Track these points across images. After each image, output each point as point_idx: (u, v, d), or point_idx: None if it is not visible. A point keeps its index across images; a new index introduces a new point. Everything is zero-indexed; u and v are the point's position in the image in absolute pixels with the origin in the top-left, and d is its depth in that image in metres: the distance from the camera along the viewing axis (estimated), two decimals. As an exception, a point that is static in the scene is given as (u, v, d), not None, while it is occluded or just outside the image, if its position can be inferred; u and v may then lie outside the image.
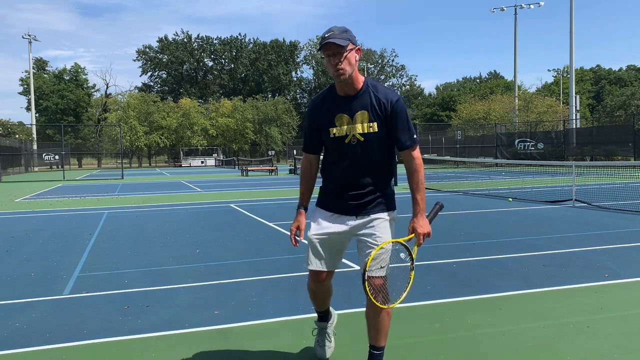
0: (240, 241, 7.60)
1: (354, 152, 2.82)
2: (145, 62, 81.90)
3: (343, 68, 2.69)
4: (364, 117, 2.78)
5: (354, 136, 2.79)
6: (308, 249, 2.95)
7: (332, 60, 2.69)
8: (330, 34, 2.68)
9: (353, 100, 2.80)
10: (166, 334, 3.77)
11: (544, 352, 3.30)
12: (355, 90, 2.80)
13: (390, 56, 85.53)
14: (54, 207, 13.35)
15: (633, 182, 16.88)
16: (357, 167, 2.84)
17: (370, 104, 2.78)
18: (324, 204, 2.96)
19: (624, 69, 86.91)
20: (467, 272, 5.44)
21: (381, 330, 2.88)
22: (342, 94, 2.82)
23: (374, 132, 2.78)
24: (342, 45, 2.66)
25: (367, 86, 2.81)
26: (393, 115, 2.79)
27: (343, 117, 2.80)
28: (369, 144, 2.80)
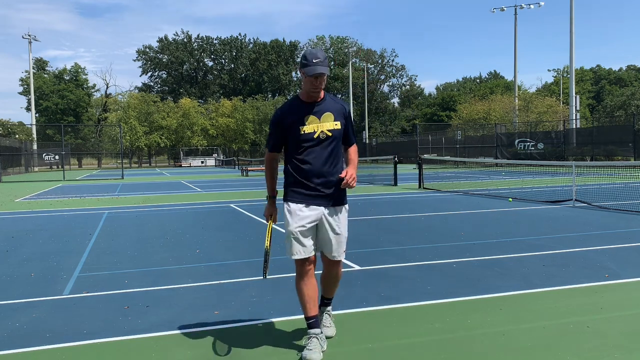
0: (240, 241, 7.60)
1: (323, 145, 3.36)
2: (145, 62, 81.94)
3: (320, 88, 3.32)
4: (330, 117, 3.39)
5: (322, 132, 3.35)
6: (291, 242, 3.34)
7: (315, 82, 3.27)
8: (318, 60, 3.23)
9: (318, 105, 3.39)
10: (166, 334, 3.77)
11: (544, 352, 3.30)
12: (320, 98, 3.40)
13: (390, 56, 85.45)
14: (54, 207, 13.35)
15: (633, 182, 16.88)
16: (324, 158, 3.36)
17: (333, 108, 3.43)
18: (295, 198, 3.37)
19: (624, 69, 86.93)
20: (467, 272, 5.44)
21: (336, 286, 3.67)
22: (308, 101, 3.38)
23: (337, 129, 3.40)
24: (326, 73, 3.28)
25: (327, 96, 3.47)
26: (348, 119, 3.50)
27: (312, 118, 3.35)
28: (334, 138, 3.39)
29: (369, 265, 5.81)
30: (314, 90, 3.30)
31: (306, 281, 3.37)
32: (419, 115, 77.55)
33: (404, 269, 5.66)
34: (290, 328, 3.82)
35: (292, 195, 3.39)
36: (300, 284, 3.39)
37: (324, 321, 3.63)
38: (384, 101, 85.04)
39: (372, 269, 5.65)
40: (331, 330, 3.63)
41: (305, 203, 3.34)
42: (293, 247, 3.34)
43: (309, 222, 3.33)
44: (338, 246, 3.42)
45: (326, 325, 3.60)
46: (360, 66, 76.90)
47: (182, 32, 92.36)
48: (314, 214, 3.34)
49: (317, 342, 3.29)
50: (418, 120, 72.42)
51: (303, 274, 3.38)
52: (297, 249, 3.33)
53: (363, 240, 7.36)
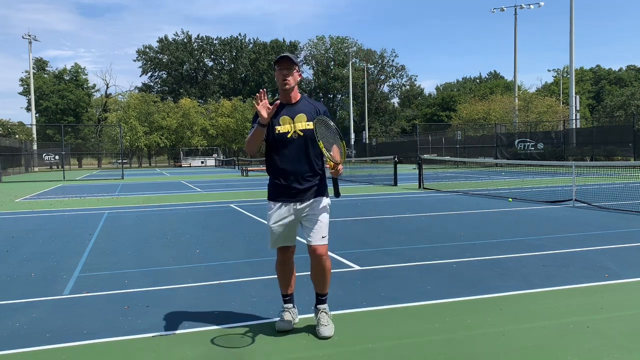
0: (240, 241, 7.60)
1: (295, 144, 3.59)
2: (145, 62, 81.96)
3: (289, 80, 3.55)
4: (302, 118, 3.61)
5: (295, 132, 3.58)
6: (270, 236, 3.71)
7: (284, 72, 3.53)
8: (285, 53, 3.57)
9: (292, 106, 3.64)
10: (166, 334, 3.77)
11: (544, 352, 3.30)
12: (295, 100, 3.65)
13: (390, 56, 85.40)
14: (54, 207, 13.35)
15: (633, 182, 16.87)
16: (297, 156, 3.60)
17: (307, 109, 3.64)
18: (274, 197, 3.68)
19: (624, 69, 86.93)
20: (467, 272, 5.44)
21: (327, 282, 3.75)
22: (284, 102, 3.63)
23: (309, 129, 3.58)
24: (294, 63, 3.54)
25: (303, 98, 3.70)
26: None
27: (286, 119, 3.60)
28: (306, 138, 3.59)
29: (369, 265, 5.81)
30: (282, 83, 3.54)
31: (284, 265, 3.80)
32: (419, 115, 77.54)
33: (404, 269, 5.66)
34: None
35: (271, 194, 3.70)
36: (278, 267, 3.82)
37: (321, 320, 3.66)
38: (384, 101, 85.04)
39: (372, 269, 5.65)
40: (329, 329, 3.63)
41: (282, 201, 3.62)
42: (271, 240, 3.73)
43: (285, 219, 3.62)
44: (316, 232, 3.61)
45: (323, 324, 3.63)
46: (360, 66, 76.90)
47: (182, 32, 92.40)
48: (291, 211, 3.61)
49: (289, 315, 3.78)
50: (418, 120, 72.43)
51: (281, 259, 3.79)
52: (274, 241, 3.72)
53: (363, 240, 7.35)
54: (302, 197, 3.60)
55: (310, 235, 3.63)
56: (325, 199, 3.69)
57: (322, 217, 3.64)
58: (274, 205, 3.66)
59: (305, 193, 3.60)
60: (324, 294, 3.76)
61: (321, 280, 3.72)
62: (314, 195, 3.63)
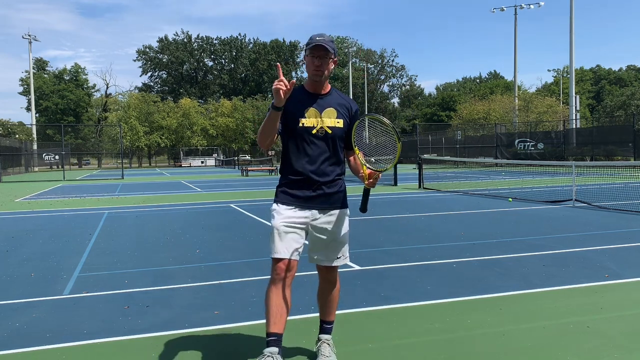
0: (240, 241, 7.60)
1: (321, 143, 3.05)
2: (145, 62, 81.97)
3: (322, 70, 3.00)
4: (332, 114, 3.08)
5: (322, 128, 3.04)
6: (273, 238, 2.99)
7: (316, 62, 2.98)
8: (321, 38, 2.97)
9: (322, 98, 3.09)
10: (166, 334, 3.77)
11: (544, 352, 3.30)
12: (325, 91, 3.11)
13: (390, 56, 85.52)
14: (54, 207, 13.35)
15: (633, 182, 16.87)
16: (321, 157, 3.06)
17: (337, 103, 3.12)
18: (284, 200, 3.07)
19: (624, 69, 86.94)
20: (467, 272, 5.44)
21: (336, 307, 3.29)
22: (312, 91, 3.09)
23: (339, 128, 3.09)
24: (329, 51, 2.98)
25: (334, 91, 3.17)
26: (353, 119, 3.17)
27: (313, 111, 3.05)
28: (334, 137, 3.07)
29: (369, 265, 5.81)
30: (314, 72, 2.98)
31: (279, 289, 2.95)
32: (419, 115, 77.53)
33: (404, 269, 5.66)
34: (290, 328, 3.81)
35: (281, 196, 3.08)
36: (271, 291, 2.95)
37: (322, 351, 3.17)
38: (384, 101, 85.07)
39: (372, 269, 5.65)
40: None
41: (295, 205, 3.03)
42: (274, 244, 2.98)
43: (297, 221, 3.01)
44: (335, 250, 3.12)
45: (325, 355, 3.16)
46: (360, 66, 76.90)
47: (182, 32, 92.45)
48: (304, 215, 3.03)
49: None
50: (418, 120, 72.40)
51: (277, 279, 2.96)
52: (278, 246, 2.96)
53: (363, 240, 7.35)
54: (324, 204, 3.07)
55: (327, 253, 3.11)
56: (347, 210, 3.21)
57: (344, 233, 3.16)
58: (283, 206, 3.05)
59: (327, 200, 3.08)
60: (331, 321, 3.31)
61: (330, 306, 3.27)
62: (337, 205, 3.12)
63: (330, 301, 3.26)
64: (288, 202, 3.05)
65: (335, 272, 3.21)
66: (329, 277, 3.21)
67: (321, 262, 3.14)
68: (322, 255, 3.13)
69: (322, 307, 3.29)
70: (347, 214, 3.20)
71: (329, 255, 3.13)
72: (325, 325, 3.29)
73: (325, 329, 3.28)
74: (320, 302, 3.29)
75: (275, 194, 3.15)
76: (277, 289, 2.96)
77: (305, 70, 3.09)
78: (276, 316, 2.94)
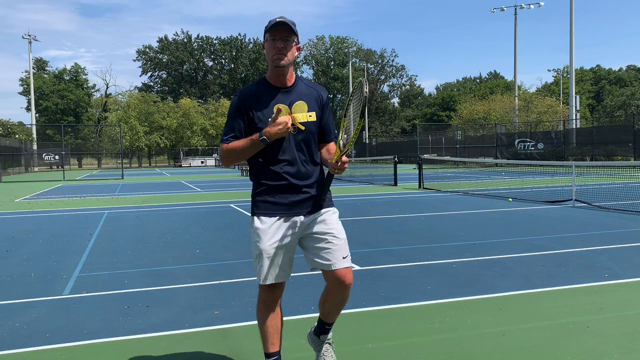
0: (240, 241, 7.60)
1: (296, 142, 2.72)
2: (145, 62, 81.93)
3: (284, 54, 2.62)
4: (303, 107, 2.74)
5: (293, 125, 2.69)
6: (262, 263, 2.71)
7: (278, 44, 2.61)
8: (282, 18, 2.62)
9: (289, 91, 2.73)
10: (166, 334, 3.77)
11: (544, 352, 3.30)
12: (290, 82, 2.75)
13: (390, 56, 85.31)
14: (54, 207, 13.35)
15: (633, 182, 16.87)
16: (299, 157, 2.73)
17: (307, 95, 2.77)
18: (266, 209, 2.73)
19: (624, 69, 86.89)
20: (467, 272, 5.44)
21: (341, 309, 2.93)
22: (277, 85, 2.73)
23: (312, 122, 2.76)
24: (293, 32, 2.62)
25: (299, 80, 2.80)
26: (326, 108, 2.84)
27: (281, 107, 2.68)
28: (308, 133, 2.75)
29: (369, 265, 5.81)
30: (277, 57, 2.61)
31: (272, 311, 2.77)
32: (419, 115, 77.54)
33: (404, 269, 5.66)
34: (290, 328, 3.82)
35: (261, 206, 2.74)
36: (264, 314, 2.78)
37: (323, 353, 3.03)
38: (384, 101, 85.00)
39: (372, 269, 5.65)
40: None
41: (280, 215, 2.72)
42: (263, 270, 2.70)
43: (286, 238, 2.71)
44: (337, 251, 2.75)
45: (330, 356, 3.03)
46: (360, 66, 76.90)
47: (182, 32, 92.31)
48: (293, 227, 2.73)
49: None
50: (418, 120, 72.40)
51: (269, 302, 2.76)
52: (270, 273, 2.69)
53: (363, 240, 7.35)
54: (306, 208, 2.74)
55: (328, 257, 2.72)
56: (335, 209, 2.88)
57: (340, 230, 2.79)
58: (267, 220, 2.71)
59: (309, 202, 2.75)
60: (332, 322, 3.01)
61: (336, 311, 2.92)
62: (322, 205, 2.78)
63: (340, 305, 2.89)
64: (270, 211, 2.72)
65: (351, 272, 2.80)
66: (346, 280, 2.75)
67: (334, 267, 2.72)
68: (330, 258, 2.73)
69: (330, 313, 2.93)
70: (337, 212, 2.88)
71: (336, 256, 2.74)
72: (327, 326, 2.99)
73: (326, 330, 3.00)
74: (329, 308, 2.90)
75: (253, 204, 2.78)
76: (269, 311, 2.79)
77: (266, 57, 2.73)
78: (273, 336, 2.82)
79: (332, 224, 2.77)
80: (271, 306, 2.79)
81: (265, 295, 2.77)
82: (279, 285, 2.77)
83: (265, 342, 2.84)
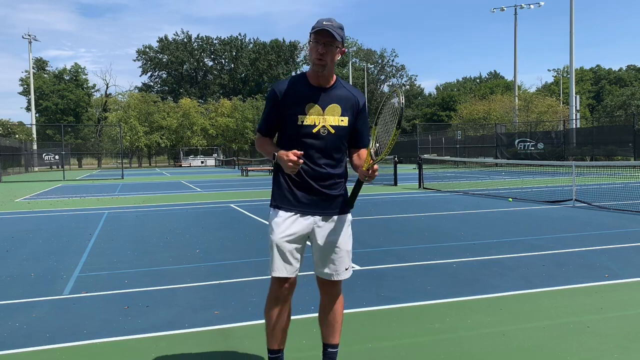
0: (240, 241, 7.60)
1: (322, 143, 2.76)
2: (145, 62, 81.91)
3: (326, 59, 2.67)
4: (336, 110, 2.78)
5: (324, 127, 2.75)
6: (273, 254, 2.77)
7: (321, 49, 2.66)
8: (329, 23, 2.65)
9: (325, 92, 2.77)
10: (166, 334, 3.77)
11: (544, 352, 3.30)
12: (329, 83, 2.79)
13: (390, 56, 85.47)
14: (54, 207, 13.34)
15: (633, 182, 16.87)
16: (322, 159, 2.78)
17: (343, 98, 2.80)
18: (283, 203, 2.81)
19: (624, 69, 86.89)
20: (467, 272, 5.44)
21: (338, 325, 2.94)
22: (315, 84, 2.77)
23: (343, 127, 2.80)
24: (336, 39, 2.66)
25: (339, 82, 2.83)
26: (361, 115, 2.87)
27: (314, 107, 2.74)
28: (337, 136, 2.79)
29: (369, 265, 5.81)
30: (318, 61, 2.66)
31: (280, 307, 2.81)
32: (419, 115, 77.51)
33: (404, 269, 5.66)
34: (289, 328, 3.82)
35: (280, 200, 2.82)
36: (273, 309, 2.82)
37: None
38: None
39: (372, 269, 5.65)
40: None
41: (295, 211, 2.78)
42: (274, 262, 2.76)
43: (298, 232, 2.77)
44: (339, 262, 2.82)
45: None
46: (360, 66, 76.88)
47: (182, 32, 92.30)
48: (306, 223, 2.78)
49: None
50: (418, 120, 72.37)
51: (279, 297, 2.80)
52: (279, 264, 2.75)
53: (363, 240, 7.35)
54: (326, 210, 2.80)
55: (329, 266, 2.82)
56: (350, 215, 2.91)
57: (346, 241, 2.85)
58: (283, 214, 2.78)
59: (329, 205, 2.81)
60: (336, 344, 2.96)
61: (337, 326, 2.93)
62: (337, 210, 2.83)
63: (334, 320, 2.91)
64: (289, 206, 2.79)
65: (340, 285, 2.91)
66: (334, 292, 2.89)
67: (329, 276, 2.84)
68: (330, 268, 2.83)
69: (327, 328, 2.93)
70: (350, 220, 2.91)
71: (336, 267, 2.83)
72: (330, 349, 2.93)
73: (329, 354, 2.92)
74: (323, 321, 2.93)
75: (273, 196, 2.87)
76: (279, 306, 2.82)
77: (308, 57, 2.78)
78: (279, 333, 2.86)
79: (343, 232, 2.84)
80: (281, 302, 2.81)
81: (276, 289, 2.81)
82: (289, 280, 2.79)
83: (270, 338, 2.87)
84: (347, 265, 2.86)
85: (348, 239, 2.87)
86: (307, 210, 2.79)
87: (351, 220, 2.94)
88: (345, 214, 2.88)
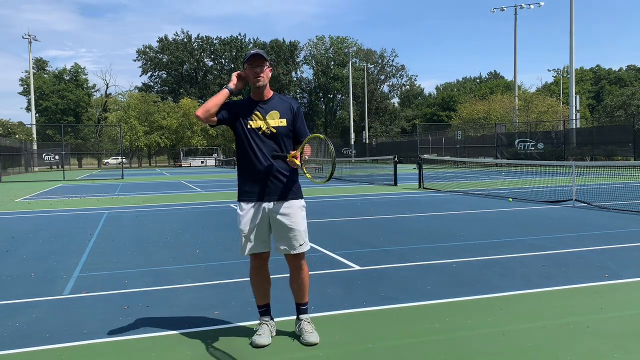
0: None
1: (269, 141, 3.51)
2: (145, 62, 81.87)
3: (262, 77, 3.50)
4: (275, 115, 3.56)
5: (267, 128, 3.52)
6: (241, 240, 3.56)
7: (255, 70, 3.49)
8: (255, 50, 3.52)
9: (265, 103, 3.59)
10: (166, 334, 3.77)
11: (544, 352, 3.30)
12: (267, 97, 3.61)
13: (390, 56, 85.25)
14: (54, 207, 13.35)
15: (633, 182, 16.87)
16: (269, 153, 3.49)
17: (280, 106, 3.60)
18: (244, 196, 3.55)
19: (624, 69, 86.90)
20: (467, 272, 5.44)
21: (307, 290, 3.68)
22: (256, 99, 3.59)
23: (283, 126, 3.56)
24: (265, 59, 3.51)
25: (275, 95, 3.65)
26: (297, 116, 3.64)
27: (258, 115, 3.55)
28: (279, 135, 3.54)
29: (369, 265, 5.81)
30: (256, 81, 3.48)
31: (258, 273, 3.67)
32: (419, 115, 77.46)
33: (404, 269, 5.66)
34: (290, 328, 3.82)
35: (241, 194, 3.57)
36: (253, 277, 3.69)
37: (305, 328, 3.56)
38: (384, 101, 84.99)
39: (372, 269, 5.65)
40: (314, 336, 3.51)
41: (253, 201, 3.50)
42: (243, 245, 3.57)
43: (256, 221, 3.50)
44: (293, 239, 3.50)
45: (309, 332, 3.53)
46: (360, 66, 76.87)
47: (182, 32, 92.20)
48: (262, 212, 3.49)
49: (266, 328, 3.60)
50: (418, 120, 72.32)
51: (255, 266, 3.66)
52: (247, 246, 3.55)
53: (363, 240, 7.35)
54: (274, 196, 3.48)
55: (286, 243, 3.51)
56: (301, 201, 3.58)
57: (298, 222, 3.51)
58: (244, 205, 3.53)
59: (277, 192, 3.48)
60: (305, 302, 3.67)
61: (301, 289, 3.63)
62: (287, 197, 3.51)
63: (301, 285, 3.63)
64: (248, 197, 3.52)
65: (301, 258, 3.59)
66: (296, 263, 3.60)
67: (286, 252, 3.54)
68: (286, 244, 3.52)
69: (296, 292, 3.68)
70: (302, 205, 3.59)
71: (291, 244, 3.51)
72: (302, 307, 3.68)
73: (302, 310, 3.68)
74: (293, 287, 3.67)
75: (238, 192, 3.60)
76: (257, 273, 3.68)
77: (248, 81, 3.57)
78: (262, 292, 3.69)
79: (295, 214, 3.52)
80: (259, 269, 3.67)
81: (253, 261, 3.67)
82: (262, 254, 3.61)
83: (256, 296, 3.72)
84: (302, 242, 3.54)
85: (302, 220, 3.55)
86: (263, 199, 3.49)
87: (304, 205, 3.61)
88: (297, 199, 3.55)
